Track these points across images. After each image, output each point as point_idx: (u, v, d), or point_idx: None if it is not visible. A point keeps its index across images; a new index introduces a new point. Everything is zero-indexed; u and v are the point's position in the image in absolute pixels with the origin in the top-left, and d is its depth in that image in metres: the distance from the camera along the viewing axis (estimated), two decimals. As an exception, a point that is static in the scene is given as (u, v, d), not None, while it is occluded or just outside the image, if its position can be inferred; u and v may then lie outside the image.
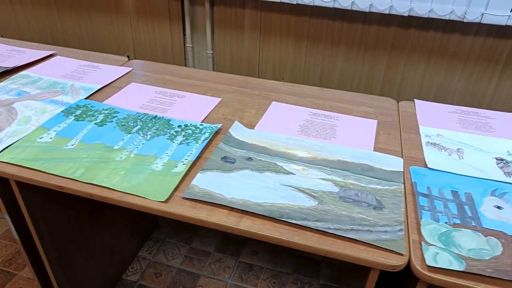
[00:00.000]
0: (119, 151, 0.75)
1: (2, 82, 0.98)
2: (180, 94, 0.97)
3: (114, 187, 0.66)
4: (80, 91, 0.96)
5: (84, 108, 0.89)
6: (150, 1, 1.77)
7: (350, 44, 1.61)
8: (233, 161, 0.73)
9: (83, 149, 0.75)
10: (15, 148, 0.74)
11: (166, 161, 0.73)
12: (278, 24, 1.66)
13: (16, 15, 2.02)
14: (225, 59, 1.81)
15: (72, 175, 0.68)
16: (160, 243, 1.40)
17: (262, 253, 1.38)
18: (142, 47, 1.91)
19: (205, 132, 0.82)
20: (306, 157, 0.76)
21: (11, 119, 0.83)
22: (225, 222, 0.60)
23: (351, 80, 1.69)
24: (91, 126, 0.82)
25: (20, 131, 0.79)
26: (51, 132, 0.80)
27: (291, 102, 0.96)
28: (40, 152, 0.74)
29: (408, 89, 1.63)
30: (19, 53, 1.16)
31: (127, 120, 0.85)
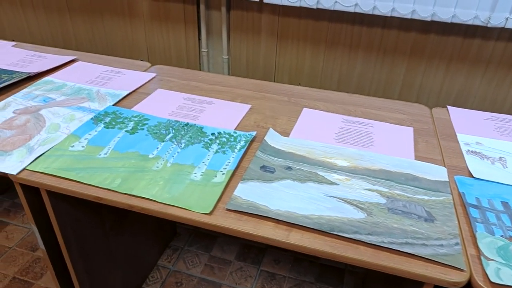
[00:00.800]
0: (155, 160, 0.73)
1: (26, 88, 0.96)
2: (208, 100, 0.95)
3: (154, 198, 0.63)
4: (107, 98, 0.93)
5: (113, 115, 0.86)
6: (165, 6, 1.75)
7: (369, 48, 1.59)
8: (272, 171, 0.71)
9: (117, 158, 0.73)
10: (48, 157, 0.72)
11: (204, 171, 0.70)
12: (296, 29, 1.64)
13: (28, 20, 2.00)
14: (241, 64, 1.79)
15: (109, 185, 0.66)
16: (180, 251, 1.37)
17: (284, 262, 1.35)
18: (156, 52, 1.89)
19: (240, 140, 0.79)
20: (347, 166, 0.74)
21: (39, 127, 0.81)
22: (273, 235, 0.58)
23: (369, 85, 1.67)
24: (122, 134, 0.80)
25: (50, 139, 0.77)
26: (82, 140, 0.78)
27: (322, 108, 0.94)
28: (73, 161, 0.71)
29: (427, 94, 1.61)
30: (40, 58, 1.14)
31: (158, 128, 0.83)
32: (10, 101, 0.90)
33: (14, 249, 1.35)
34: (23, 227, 1.44)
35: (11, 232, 1.42)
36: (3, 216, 1.48)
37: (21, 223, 1.45)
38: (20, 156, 0.71)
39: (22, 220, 1.47)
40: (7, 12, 2.02)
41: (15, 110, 0.87)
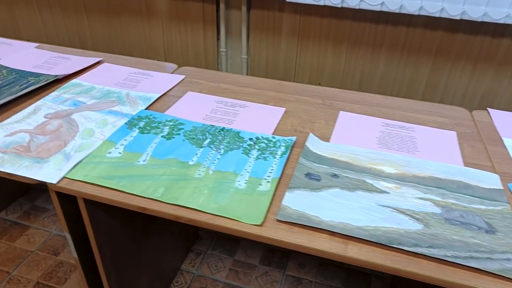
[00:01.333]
0: (196, 167, 0.70)
1: (54, 91, 0.94)
2: (241, 103, 0.92)
3: (201, 209, 0.61)
4: (138, 101, 0.91)
5: (147, 119, 0.84)
6: (183, 5, 1.73)
7: (392, 48, 1.56)
8: (318, 178, 0.69)
9: (156, 165, 0.70)
10: (86, 164, 0.70)
11: (247, 178, 0.68)
12: (318, 28, 1.61)
13: (44, 19, 1.98)
14: (260, 64, 1.76)
15: (152, 194, 0.63)
16: (203, 255, 1.35)
17: (309, 266, 1.33)
18: (173, 52, 1.86)
19: (280, 145, 0.77)
20: (394, 173, 0.71)
21: (73, 132, 0.79)
22: (329, 249, 0.55)
23: (392, 85, 1.64)
24: (158, 139, 0.78)
25: (86, 145, 0.75)
26: (119, 146, 0.75)
27: (358, 111, 0.91)
28: (112, 168, 0.69)
29: (452, 94, 1.58)
30: (65, 60, 1.12)
31: (195, 133, 0.80)
32: (40, 105, 0.88)
33: (36, 253, 1.33)
34: (44, 230, 1.42)
35: (32, 235, 1.40)
36: (23, 219, 1.46)
37: (41, 226, 1.43)
38: (57, 164, 0.69)
39: (43, 223, 1.45)
40: (23, 12, 2.00)
41: (46, 115, 0.85)
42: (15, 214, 1.49)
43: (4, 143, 0.74)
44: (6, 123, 0.81)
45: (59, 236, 1.40)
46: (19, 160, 0.70)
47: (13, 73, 1.03)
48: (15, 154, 0.72)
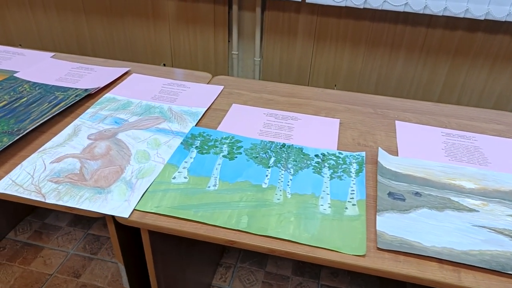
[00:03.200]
0: (272, 191, 0.65)
1: (90, 108, 0.87)
2: (292, 116, 0.88)
3: (295, 239, 0.56)
4: (184, 117, 0.85)
5: (201, 137, 0.78)
6: (193, 7, 1.65)
7: (411, 48, 1.55)
8: (402, 198, 0.65)
9: (229, 190, 0.65)
10: (153, 193, 0.64)
11: (330, 202, 0.64)
12: (335, 29, 1.57)
13: (37, 22, 1.86)
14: (274, 66, 1.71)
15: (237, 225, 0.58)
16: (233, 268, 1.30)
17: (342, 274, 1.30)
18: (181, 55, 1.79)
19: (351, 162, 0.73)
20: (475, 188, 0.68)
21: (125, 155, 0.72)
22: (443, 278, 0.52)
23: (409, 86, 1.63)
24: (221, 160, 0.72)
25: (146, 171, 0.68)
26: (182, 169, 0.69)
27: (414, 121, 0.88)
28: (183, 196, 0.63)
29: (469, 94, 1.58)
30: (88, 71, 1.04)
31: (256, 151, 0.75)
32: (79, 124, 0.81)
33: (55, 276, 1.25)
34: (60, 250, 1.33)
35: (48, 257, 1.31)
36: (35, 239, 1.37)
37: (56, 246, 1.34)
38: (122, 194, 0.63)
39: (57, 242, 1.36)
40: (15, 15, 1.87)
41: (90, 136, 0.77)
42: (26, 234, 1.39)
43: (53, 172, 0.67)
44: (49, 148, 0.73)
45: (77, 256, 1.32)
46: (77, 191, 0.63)
47: (37, 87, 0.94)
48: (70, 184, 0.65)
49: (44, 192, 0.63)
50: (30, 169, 0.68)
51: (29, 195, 0.62)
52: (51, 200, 0.61)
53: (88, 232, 1.41)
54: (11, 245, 1.35)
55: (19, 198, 0.62)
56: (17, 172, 0.67)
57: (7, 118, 0.81)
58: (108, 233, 1.41)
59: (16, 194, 0.62)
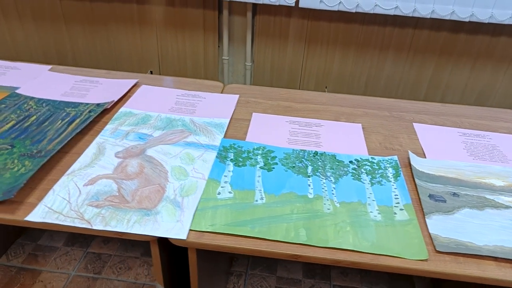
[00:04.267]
0: (319, 201, 0.65)
1: (109, 124, 0.83)
2: (315, 122, 0.89)
3: (357, 249, 0.57)
4: (210, 129, 0.83)
5: (233, 149, 0.77)
6: (182, 12, 1.62)
7: (399, 49, 1.60)
8: (443, 200, 0.68)
9: (278, 202, 0.65)
10: (203, 211, 0.62)
11: (378, 208, 0.65)
12: (326, 32, 1.60)
13: (12, 32, 1.75)
14: (265, 71, 1.71)
15: (297, 239, 0.58)
16: (244, 276, 1.29)
17: (352, 273, 1.33)
18: (168, 61, 1.75)
19: (385, 167, 0.75)
20: (505, 186, 0.72)
21: (161, 172, 0.70)
22: (504, 276, 0.55)
23: (396, 86, 1.69)
24: (259, 172, 0.72)
25: (189, 188, 0.66)
26: (224, 184, 0.68)
27: (429, 122, 0.92)
28: (234, 212, 0.62)
29: (452, 92, 1.66)
30: (94, 83, 0.99)
31: (291, 161, 0.75)
32: (101, 142, 0.77)
33: (60, 300, 1.18)
34: (60, 273, 1.26)
35: (48, 281, 1.24)
36: (31, 263, 1.29)
37: (56, 269, 1.27)
38: (171, 214, 0.61)
39: (56, 264, 1.29)
40: (-16, 24, 1.75)
41: (117, 154, 0.74)
42: (19, 258, 1.30)
43: (90, 195, 0.64)
44: (77, 170, 0.69)
45: (80, 277, 1.25)
46: (122, 215, 0.60)
47: (44, 103, 0.89)
48: (113, 208, 0.62)
49: (88, 218, 0.59)
50: (64, 193, 0.64)
51: (72, 223, 0.58)
52: (98, 226, 0.58)
53: (87, 250, 1.35)
54: (5, 271, 1.26)
55: (61, 227, 0.58)
56: (51, 198, 0.63)
57: (21, 139, 0.76)
58: (110, 251, 1.35)
59: (58, 223, 0.58)
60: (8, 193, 0.61)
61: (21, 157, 0.71)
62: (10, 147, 0.74)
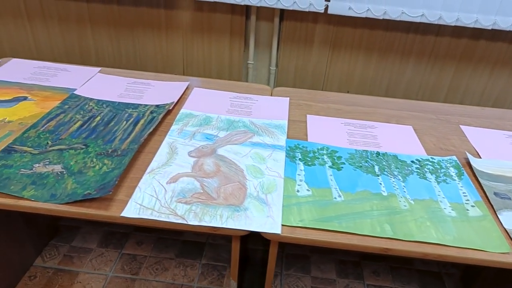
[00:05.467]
0: (394, 198, 0.69)
1: (173, 125, 0.84)
2: (369, 124, 0.92)
3: (442, 242, 0.60)
4: (271, 130, 0.86)
5: (299, 149, 0.80)
6: (210, 17, 1.64)
7: (420, 55, 1.65)
8: (508, 197, 0.71)
9: (356, 199, 0.68)
10: (288, 207, 0.64)
11: (450, 205, 0.68)
12: (350, 38, 1.64)
13: (35, 33, 1.75)
14: (288, 75, 1.75)
15: (384, 233, 0.61)
16: (280, 277, 1.31)
17: (383, 272, 1.36)
18: (193, 65, 1.77)
19: (446, 166, 0.78)
20: (560, 184, 0.76)
21: (237, 171, 0.72)
22: None
23: (416, 90, 1.74)
24: (330, 171, 0.74)
25: (268, 186, 0.69)
26: (300, 183, 0.70)
27: (474, 124, 0.96)
28: (318, 209, 0.65)
29: (470, 96, 1.72)
30: (146, 85, 1.01)
31: (357, 160, 0.78)
32: (172, 142, 0.79)
33: (101, 301, 1.18)
34: (98, 274, 1.26)
35: (86, 281, 1.24)
36: (67, 264, 1.29)
37: (93, 270, 1.27)
38: (260, 210, 0.63)
39: (92, 265, 1.29)
40: (8, 25, 1.75)
41: (190, 153, 0.76)
42: (55, 260, 1.30)
43: (176, 192, 0.66)
44: (156, 168, 0.71)
45: (118, 278, 1.26)
46: (213, 211, 0.62)
47: (103, 104, 0.90)
48: (202, 204, 0.64)
49: (181, 214, 0.61)
50: (150, 191, 0.66)
51: (167, 218, 0.60)
52: (193, 222, 0.60)
53: (122, 252, 1.35)
54: (42, 272, 1.25)
55: (158, 223, 0.60)
56: (139, 195, 0.65)
57: (93, 139, 0.78)
58: (144, 252, 1.35)
59: (154, 219, 0.60)
60: (102, 190, 0.63)
61: (98, 156, 0.73)
62: (84, 147, 0.75)
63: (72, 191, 0.63)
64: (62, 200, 0.62)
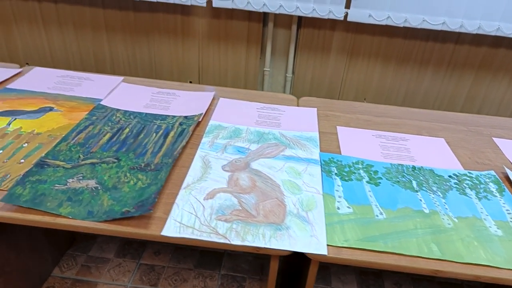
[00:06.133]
0: (436, 216, 0.67)
1: (204, 138, 0.83)
2: (401, 136, 0.90)
3: (492, 264, 0.58)
4: (303, 142, 0.84)
5: (334, 164, 0.78)
6: (226, 24, 1.63)
7: (439, 63, 1.64)
8: (552, 214, 0.69)
9: (397, 217, 0.66)
10: (331, 226, 0.63)
11: (494, 223, 0.66)
12: (368, 45, 1.63)
13: (50, 39, 1.75)
14: (305, 82, 1.73)
15: (431, 254, 0.59)
16: None
17: (405, 284, 1.34)
18: (209, 72, 1.76)
19: (485, 181, 0.76)
20: None
21: (274, 186, 0.70)
22: None
23: (434, 99, 1.72)
24: (368, 186, 0.73)
25: (308, 202, 0.67)
26: (339, 199, 0.69)
27: (506, 136, 0.94)
28: (361, 227, 0.63)
29: (488, 105, 1.70)
30: (172, 96, 0.99)
31: (394, 175, 0.76)
32: (204, 155, 0.77)
33: (121, 313, 1.16)
34: (116, 284, 1.24)
35: (105, 293, 1.22)
36: (85, 274, 1.27)
37: (111, 281, 1.25)
38: (302, 229, 0.61)
39: (111, 276, 1.27)
40: (23, 31, 1.74)
41: (223, 167, 0.74)
42: (73, 270, 1.28)
43: (214, 209, 0.64)
44: (192, 183, 0.69)
45: (137, 289, 1.24)
46: (255, 229, 0.61)
47: (131, 116, 0.89)
48: (242, 222, 0.62)
49: (223, 233, 0.60)
50: (188, 208, 0.64)
51: (209, 238, 0.59)
52: (236, 241, 0.58)
53: (140, 262, 1.33)
54: (60, 283, 1.24)
55: (199, 242, 0.58)
56: (177, 212, 0.63)
57: (124, 152, 0.76)
58: (162, 262, 1.34)
59: (197, 238, 0.58)
60: (141, 207, 0.61)
61: (131, 170, 0.71)
62: (116, 160, 0.73)
63: (109, 208, 0.62)
64: (100, 218, 0.60)
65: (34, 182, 0.65)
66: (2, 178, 0.66)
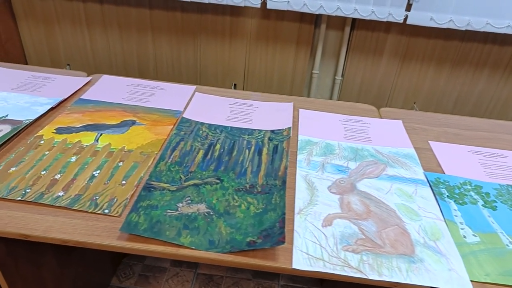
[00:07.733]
0: None
1: (299, 154, 0.79)
2: (498, 153, 0.86)
3: None
4: (401, 160, 0.80)
5: (442, 185, 0.74)
6: (277, 25, 1.59)
7: (495, 66, 1.58)
8: None
9: (529, 247, 0.62)
10: (465, 258, 0.59)
11: None
12: (423, 48, 1.57)
13: (93, 40, 1.71)
14: (354, 85, 1.69)
15: None
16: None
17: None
18: (255, 74, 1.71)
19: None
20: None
21: (390, 211, 0.66)
22: None
23: (487, 103, 1.67)
24: (486, 211, 0.69)
25: (432, 231, 0.63)
26: (462, 226, 0.65)
27: None
28: (495, 259, 0.59)
29: (544, 110, 1.65)
30: (250, 107, 0.95)
31: (507, 197, 0.72)
32: (305, 175, 0.73)
33: (185, 326, 1.14)
34: (177, 295, 1.22)
35: (167, 303, 1.20)
36: (143, 284, 1.25)
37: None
38: (437, 262, 0.58)
39: (169, 286, 1.25)
40: (66, 32, 1.70)
41: (330, 189, 0.71)
42: (131, 280, 1.26)
43: (337, 238, 0.60)
44: (304, 208, 0.66)
45: (197, 300, 1.22)
46: (387, 262, 0.57)
47: (217, 130, 0.85)
48: (371, 253, 0.58)
49: (356, 266, 0.56)
50: (309, 236, 0.60)
51: (342, 271, 0.55)
52: (373, 276, 0.55)
53: (197, 271, 1.31)
54: (120, 293, 1.22)
55: (333, 276, 0.55)
56: (300, 241, 0.59)
57: (223, 172, 0.72)
58: (219, 272, 1.31)
59: (330, 272, 0.55)
60: (269, 238, 0.57)
61: (237, 192, 0.68)
62: (218, 181, 0.70)
63: (230, 238, 0.58)
64: (224, 249, 0.57)
65: (146, 208, 0.62)
66: (109, 202, 0.63)
